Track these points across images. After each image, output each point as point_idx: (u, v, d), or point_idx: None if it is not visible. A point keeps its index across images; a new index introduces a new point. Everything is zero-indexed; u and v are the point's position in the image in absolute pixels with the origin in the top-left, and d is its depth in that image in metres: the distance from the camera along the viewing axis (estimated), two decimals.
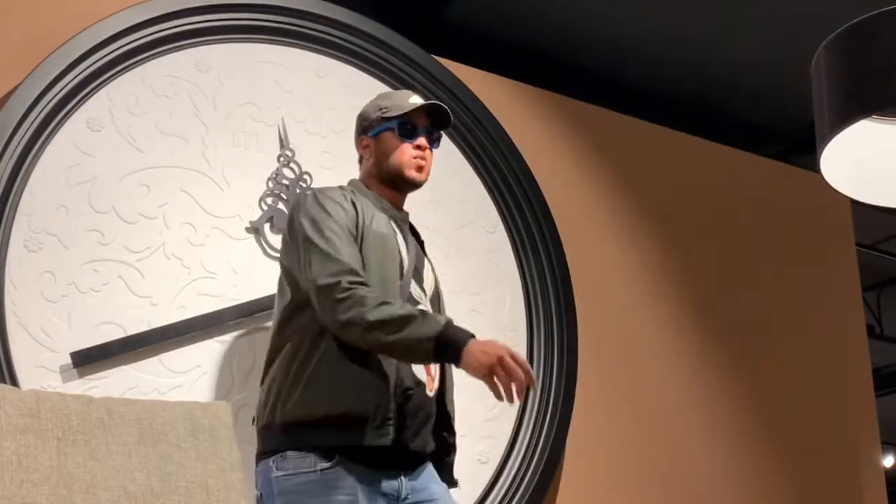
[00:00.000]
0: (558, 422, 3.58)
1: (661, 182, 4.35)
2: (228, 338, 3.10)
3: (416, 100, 2.59)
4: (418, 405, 2.32)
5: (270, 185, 3.30)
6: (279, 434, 2.29)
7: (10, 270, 2.84)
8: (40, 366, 2.83)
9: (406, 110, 2.55)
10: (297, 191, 3.33)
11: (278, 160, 3.34)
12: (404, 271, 2.41)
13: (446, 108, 2.60)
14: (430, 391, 2.37)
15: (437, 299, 2.55)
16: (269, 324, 3.19)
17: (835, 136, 2.06)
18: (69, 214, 2.97)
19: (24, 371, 2.79)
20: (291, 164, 3.36)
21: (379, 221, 2.41)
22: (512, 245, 3.75)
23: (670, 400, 4.07)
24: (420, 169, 2.54)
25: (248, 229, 3.23)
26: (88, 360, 2.88)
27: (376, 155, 2.57)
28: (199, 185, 3.18)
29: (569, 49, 4.33)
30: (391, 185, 2.56)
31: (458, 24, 4.13)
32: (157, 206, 3.10)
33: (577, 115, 4.17)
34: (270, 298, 3.17)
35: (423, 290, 2.47)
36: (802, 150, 4.84)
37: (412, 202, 2.70)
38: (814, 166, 2.36)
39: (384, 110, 2.58)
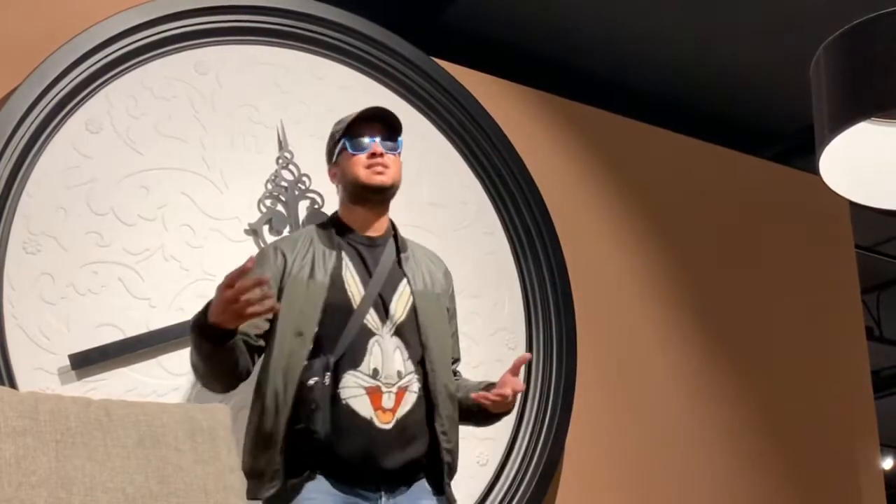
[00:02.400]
0: (557, 423, 3.58)
1: (659, 184, 4.35)
2: None
3: (360, 112, 2.59)
4: (356, 442, 2.36)
5: (269, 186, 3.30)
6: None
7: (9, 272, 2.84)
8: (39, 368, 2.82)
9: (347, 123, 2.57)
10: (297, 192, 3.33)
11: (277, 162, 3.34)
12: (355, 305, 2.43)
13: (388, 110, 2.58)
14: (385, 423, 2.39)
15: (412, 317, 2.51)
16: None
17: (834, 137, 2.07)
18: (68, 216, 2.96)
19: (22, 373, 2.79)
20: (290, 166, 3.36)
21: (305, 267, 2.45)
22: (511, 247, 3.75)
23: (669, 402, 4.07)
24: (379, 173, 2.53)
25: (246, 231, 3.23)
26: (87, 362, 2.88)
27: (340, 178, 2.59)
28: (198, 187, 3.18)
29: (567, 51, 4.33)
30: (360, 201, 2.56)
31: (457, 26, 4.13)
32: (156, 207, 3.10)
33: (575, 116, 4.17)
34: None
35: (385, 318, 2.46)
36: (801, 151, 4.84)
37: (412, 203, 2.69)
38: (813, 168, 2.36)
39: (335, 133, 2.62)
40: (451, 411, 2.51)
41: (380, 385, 2.40)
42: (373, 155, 2.53)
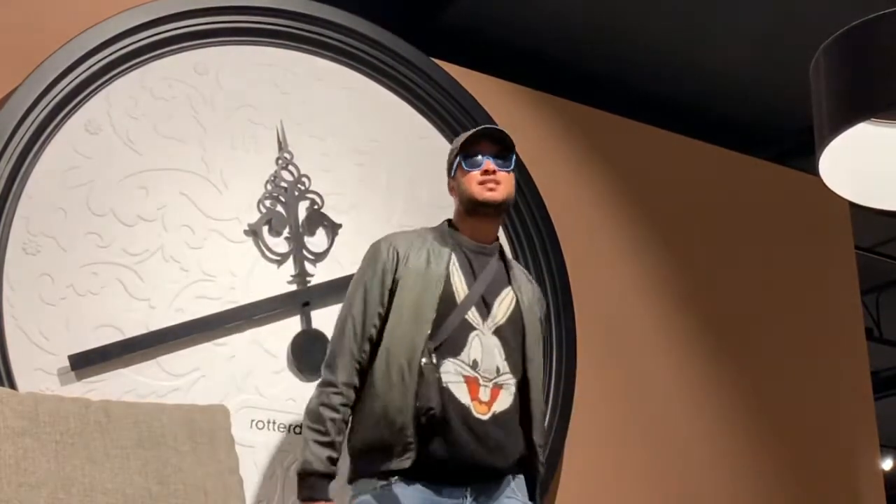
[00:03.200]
0: (557, 423, 3.57)
1: (659, 185, 4.34)
2: (227, 341, 3.10)
3: (474, 131, 2.72)
4: (456, 427, 2.45)
5: (269, 187, 3.30)
6: (349, 465, 2.55)
7: (9, 273, 2.84)
8: (38, 368, 2.82)
9: (461, 142, 2.70)
10: (296, 193, 3.33)
11: (277, 162, 3.34)
12: (458, 300, 2.56)
13: (501, 129, 2.70)
14: (482, 414, 2.48)
15: (514, 322, 2.63)
16: (268, 325, 3.21)
17: (834, 138, 2.06)
18: (67, 217, 2.96)
19: (22, 374, 2.78)
20: (290, 167, 3.35)
21: (420, 259, 2.60)
22: (510, 248, 3.75)
23: (669, 402, 4.07)
24: (491, 189, 2.64)
25: (246, 232, 3.23)
26: (87, 362, 2.88)
27: (457, 192, 2.72)
28: (198, 188, 3.18)
29: (567, 51, 4.33)
30: (473, 214, 2.68)
31: (457, 27, 4.13)
32: (156, 208, 3.10)
33: (575, 117, 4.17)
34: (269, 301, 3.18)
35: (486, 316, 2.58)
36: (801, 152, 4.84)
37: (412, 204, 2.70)
38: (813, 169, 2.36)
39: (453, 151, 2.75)
40: (543, 427, 2.65)
41: (478, 377, 2.51)
42: (486, 172, 2.65)
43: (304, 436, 2.50)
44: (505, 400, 2.54)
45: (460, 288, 2.59)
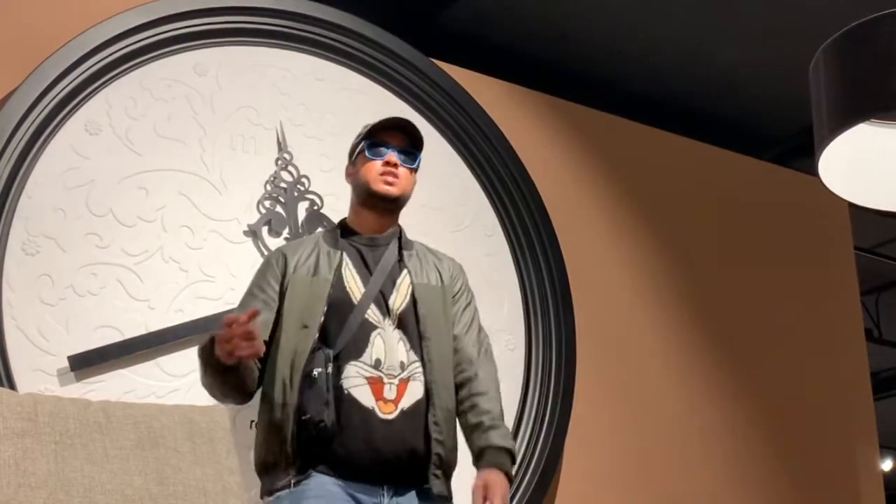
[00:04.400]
0: (557, 423, 3.58)
1: (659, 185, 4.35)
2: None
3: (385, 120, 2.63)
4: (358, 432, 2.38)
5: (268, 188, 3.30)
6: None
7: (8, 273, 2.84)
8: (38, 369, 2.82)
9: (370, 128, 2.61)
10: (296, 194, 3.33)
11: (276, 163, 3.34)
12: (355, 301, 2.48)
13: (411, 123, 2.62)
14: (387, 413, 2.41)
15: (411, 310, 2.54)
16: None
17: (833, 139, 2.06)
18: (67, 217, 2.96)
19: (21, 375, 2.79)
20: (289, 167, 3.36)
21: (308, 266, 2.52)
22: (510, 248, 3.75)
23: (668, 403, 4.07)
24: (389, 184, 2.56)
25: (245, 232, 3.23)
26: (86, 363, 2.88)
27: (354, 179, 2.64)
28: (197, 189, 3.18)
29: (566, 52, 4.33)
30: (367, 205, 2.60)
31: (456, 28, 4.13)
32: (155, 209, 3.10)
33: (574, 118, 4.17)
34: None
35: (385, 311, 2.51)
36: (800, 153, 4.85)
37: (411, 205, 2.69)
38: (812, 170, 2.36)
39: (358, 136, 2.65)
40: (447, 402, 2.50)
41: (381, 376, 2.42)
42: (387, 164, 2.57)
43: (206, 384, 2.47)
44: (415, 392, 2.45)
45: (355, 288, 2.51)
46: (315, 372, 2.38)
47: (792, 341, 4.50)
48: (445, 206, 3.66)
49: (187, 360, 3.02)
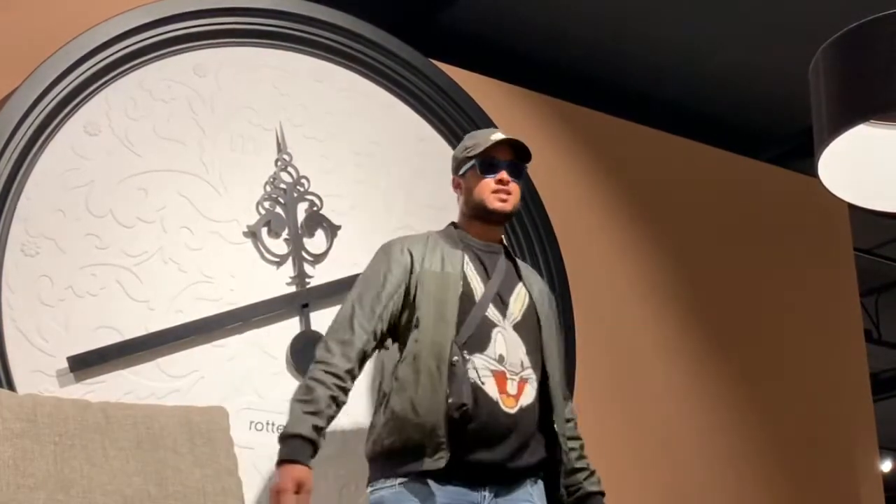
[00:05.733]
0: None
1: (659, 186, 4.35)
2: (226, 342, 3.10)
3: (496, 136, 2.75)
4: (485, 422, 2.48)
5: (268, 189, 3.30)
6: (370, 466, 2.57)
7: (8, 274, 2.84)
8: (37, 370, 2.82)
9: (484, 147, 2.72)
10: (295, 194, 3.33)
11: (276, 164, 3.34)
12: (477, 298, 2.61)
13: (522, 142, 2.74)
14: (510, 408, 2.52)
15: (530, 318, 2.68)
16: (267, 327, 3.20)
17: (833, 140, 2.06)
18: (66, 218, 2.96)
19: (21, 375, 2.78)
20: (289, 168, 3.35)
21: (435, 261, 2.64)
22: (510, 247, 3.75)
23: (668, 403, 4.07)
24: (503, 200, 2.70)
25: (245, 233, 3.23)
26: (86, 364, 2.88)
27: (464, 192, 2.78)
28: (197, 189, 3.18)
29: (566, 53, 4.33)
30: (479, 218, 2.75)
31: (455, 28, 4.13)
32: (155, 210, 3.10)
33: (574, 118, 4.17)
34: (267, 303, 3.18)
35: (504, 312, 2.64)
36: (800, 154, 4.84)
37: (410, 205, 2.70)
38: (812, 170, 2.36)
39: (468, 150, 2.77)
40: (563, 415, 2.67)
41: (505, 371, 2.54)
42: (500, 181, 2.70)
43: (290, 408, 2.47)
44: (529, 394, 2.57)
45: (477, 286, 2.65)
46: (454, 359, 2.49)
47: (791, 342, 4.50)
48: (445, 206, 3.65)
49: (187, 361, 3.02)
